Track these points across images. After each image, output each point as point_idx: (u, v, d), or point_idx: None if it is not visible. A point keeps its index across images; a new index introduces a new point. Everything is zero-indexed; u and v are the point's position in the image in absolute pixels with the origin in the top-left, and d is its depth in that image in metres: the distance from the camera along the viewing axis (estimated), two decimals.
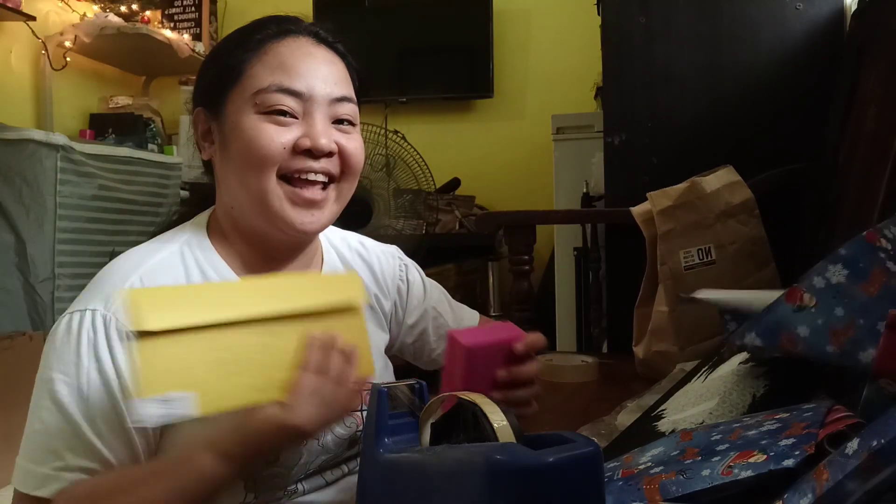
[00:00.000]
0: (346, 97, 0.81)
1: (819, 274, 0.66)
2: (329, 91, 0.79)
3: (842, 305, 0.64)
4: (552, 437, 0.45)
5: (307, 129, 0.77)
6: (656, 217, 1.41)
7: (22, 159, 2.21)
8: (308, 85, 0.78)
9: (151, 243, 0.83)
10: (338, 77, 0.81)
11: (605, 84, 1.86)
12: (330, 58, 0.82)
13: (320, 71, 0.79)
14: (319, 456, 0.82)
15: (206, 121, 0.83)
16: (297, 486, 0.81)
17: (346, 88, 0.82)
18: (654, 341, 1.40)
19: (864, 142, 1.28)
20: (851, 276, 0.64)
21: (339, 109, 0.80)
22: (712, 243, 1.40)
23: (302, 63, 0.78)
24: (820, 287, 0.66)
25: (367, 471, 0.59)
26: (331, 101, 0.79)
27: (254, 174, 0.76)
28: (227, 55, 0.80)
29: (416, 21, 3.21)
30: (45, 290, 2.25)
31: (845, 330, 0.63)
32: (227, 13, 3.52)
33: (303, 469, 0.80)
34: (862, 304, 0.63)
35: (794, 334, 0.67)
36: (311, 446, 0.80)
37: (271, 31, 0.80)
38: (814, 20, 1.69)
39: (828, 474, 0.41)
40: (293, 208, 0.77)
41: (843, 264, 0.65)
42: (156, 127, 3.19)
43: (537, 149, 3.00)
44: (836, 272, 0.65)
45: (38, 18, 2.66)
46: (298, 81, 0.77)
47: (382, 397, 0.59)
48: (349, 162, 0.81)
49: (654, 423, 0.79)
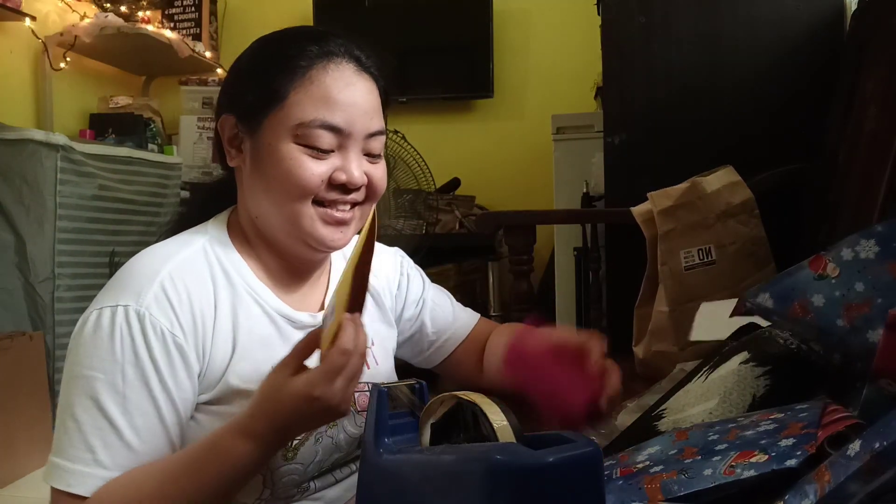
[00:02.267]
0: (379, 131, 0.82)
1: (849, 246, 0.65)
2: (366, 126, 0.80)
3: (864, 281, 0.63)
4: (552, 437, 0.45)
5: (343, 162, 0.79)
6: (657, 217, 1.41)
7: (22, 159, 2.20)
8: (348, 121, 0.78)
9: (175, 240, 0.84)
10: (374, 109, 0.82)
11: (605, 84, 1.86)
12: (369, 87, 0.82)
13: (359, 105, 0.80)
14: (333, 454, 0.84)
15: (234, 128, 0.83)
16: (311, 483, 0.83)
17: (380, 121, 0.83)
18: (654, 341, 1.39)
19: (864, 142, 1.28)
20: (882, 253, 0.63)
21: (373, 143, 0.82)
22: (713, 243, 1.40)
23: (344, 96, 0.79)
24: (847, 259, 0.64)
25: (367, 471, 0.59)
26: (366, 136, 0.81)
27: (289, 200, 0.78)
28: (269, 77, 0.79)
29: (416, 21, 3.21)
30: (45, 290, 2.25)
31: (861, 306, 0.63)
32: (227, 13, 3.52)
33: (317, 467, 0.82)
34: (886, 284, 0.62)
35: (808, 301, 0.66)
36: (326, 443, 0.82)
37: (313, 54, 0.79)
38: (814, 20, 1.69)
39: (829, 476, 0.41)
40: (325, 227, 0.80)
41: (877, 240, 0.63)
42: (156, 127, 3.19)
43: (537, 149, 3.00)
44: (867, 247, 0.64)
45: (38, 18, 2.66)
46: (339, 116, 0.78)
47: (382, 397, 0.59)
48: (375, 189, 0.83)
49: (654, 423, 0.79)
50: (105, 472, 0.69)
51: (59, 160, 2.24)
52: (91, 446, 0.69)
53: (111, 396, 0.70)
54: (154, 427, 0.71)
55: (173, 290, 0.74)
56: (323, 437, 0.82)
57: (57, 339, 2.25)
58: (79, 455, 0.69)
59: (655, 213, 1.41)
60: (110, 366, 0.70)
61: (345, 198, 0.80)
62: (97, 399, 0.70)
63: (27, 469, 2.07)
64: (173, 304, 0.73)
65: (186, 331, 0.74)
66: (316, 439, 0.82)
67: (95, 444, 0.69)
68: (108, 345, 0.71)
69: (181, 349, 0.73)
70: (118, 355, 0.70)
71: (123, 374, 0.70)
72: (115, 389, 0.70)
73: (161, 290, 0.74)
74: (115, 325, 0.71)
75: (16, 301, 2.24)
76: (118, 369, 0.70)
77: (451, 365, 1.05)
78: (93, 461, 0.69)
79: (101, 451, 0.69)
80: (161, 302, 0.73)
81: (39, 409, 2.15)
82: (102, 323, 0.72)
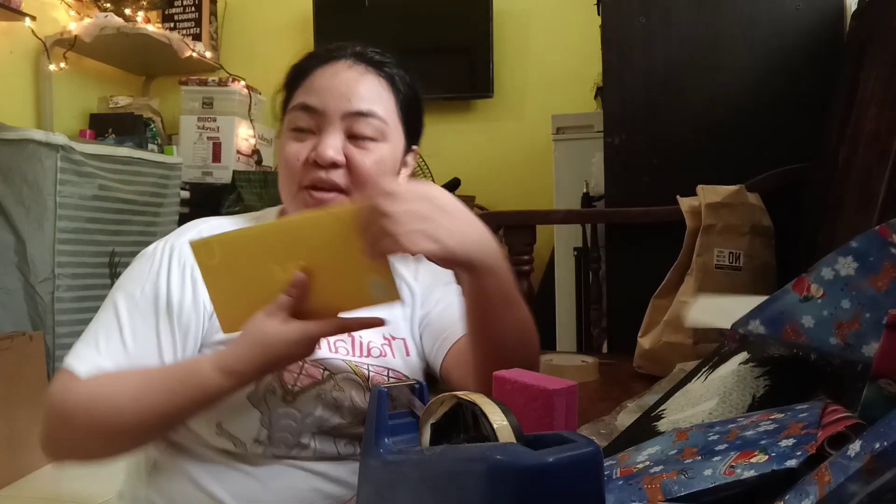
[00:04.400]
0: (363, 112, 0.85)
1: (828, 265, 0.65)
2: (342, 106, 0.84)
3: (849, 298, 0.64)
4: (552, 437, 0.45)
5: (317, 142, 0.85)
6: (704, 209, 1.43)
7: (22, 159, 2.21)
8: (322, 101, 0.85)
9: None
10: (365, 93, 0.85)
11: (605, 84, 1.86)
12: (366, 78, 0.87)
13: (341, 87, 0.85)
14: (333, 416, 0.84)
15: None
16: (310, 442, 0.83)
17: (371, 104, 0.85)
18: (668, 332, 1.39)
19: (864, 142, 1.28)
20: (861, 269, 0.63)
21: (356, 124, 0.85)
22: (743, 251, 1.42)
23: (326, 82, 0.86)
24: (828, 278, 0.65)
25: (366, 471, 0.59)
26: (344, 116, 0.84)
27: (285, 185, 0.88)
28: (289, 80, 0.91)
29: (416, 21, 3.22)
30: (45, 290, 2.25)
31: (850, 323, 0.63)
32: (227, 13, 3.52)
33: (316, 423, 0.83)
34: (870, 298, 0.63)
35: (799, 324, 0.66)
36: (328, 400, 0.84)
37: (321, 59, 0.88)
38: (814, 20, 1.69)
39: (829, 476, 0.41)
40: (306, 209, 0.84)
41: (854, 257, 0.64)
42: (156, 127, 3.20)
43: (537, 149, 3.01)
44: (845, 264, 0.64)
45: (38, 18, 2.66)
46: (314, 98, 0.85)
47: (382, 397, 0.59)
48: (356, 174, 0.85)
49: (654, 423, 0.79)
50: (100, 359, 0.78)
51: (59, 160, 2.24)
52: (97, 336, 0.80)
53: (126, 302, 0.82)
54: (149, 336, 0.80)
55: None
56: (327, 395, 0.84)
57: (57, 339, 2.25)
58: (87, 341, 0.80)
59: (703, 205, 1.43)
60: (136, 280, 0.84)
61: (320, 175, 0.84)
62: (116, 302, 0.82)
63: (27, 469, 2.07)
64: None
65: None
66: (318, 393, 0.83)
67: (100, 336, 0.80)
68: (141, 266, 0.85)
69: (195, 283, 0.83)
70: (144, 274, 0.84)
71: (142, 288, 0.82)
72: (131, 297, 0.82)
73: (196, 234, 0.86)
74: (153, 253, 0.86)
75: (16, 301, 2.24)
76: (140, 284, 0.83)
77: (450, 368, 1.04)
78: (94, 348, 0.79)
79: (103, 342, 0.79)
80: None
81: (39, 409, 2.15)
82: (146, 252, 0.87)
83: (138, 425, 0.76)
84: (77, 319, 2.31)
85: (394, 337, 0.93)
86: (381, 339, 0.92)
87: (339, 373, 0.86)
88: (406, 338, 0.95)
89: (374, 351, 0.91)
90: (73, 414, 0.76)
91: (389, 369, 0.89)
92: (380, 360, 0.90)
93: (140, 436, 0.79)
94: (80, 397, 0.76)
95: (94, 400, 0.75)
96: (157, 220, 2.66)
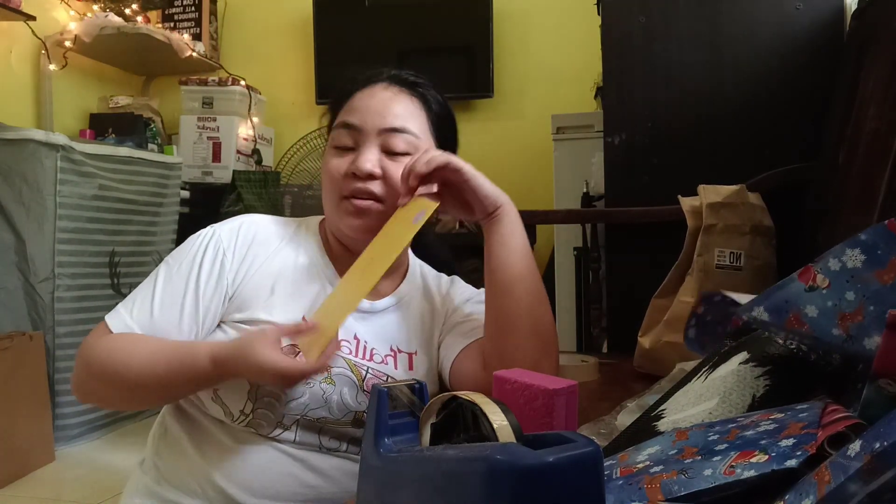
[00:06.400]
0: (398, 129, 0.92)
1: (835, 256, 0.66)
2: (378, 123, 0.92)
3: (854, 290, 0.64)
4: (552, 437, 0.45)
5: (356, 156, 0.92)
6: (705, 209, 1.43)
7: (22, 159, 2.21)
8: (360, 119, 0.93)
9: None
10: (399, 112, 0.93)
11: (605, 84, 1.86)
12: (401, 98, 0.94)
13: (377, 106, 0.93)
14: (319, 408, 0.88)
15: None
16: (293, 426, 0.88)
17: (404, 121, 0.93)
18: (668, 331, 1.39)
19: (864, 142, 1.28)
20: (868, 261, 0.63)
21: (390, 140, 0.92)
22: (744, 251, 1.42)
23: (364, 102, 0.94)
24: (835, 269, 0.65)
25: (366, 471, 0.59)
26: (380, 132, 0.92)
27: (328, 197, 0.96)
28: (332, 104, 1.00)
29: (416, 21, 3.22)
30: (45, 289, 2.25)
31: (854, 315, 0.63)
32: (227, 13, 3.52)
33: (301, 409, 0.87)
34: (875, 292, 0.63)
35: (802, 313, 0.66)
36: (316, 391, 0.87)
37: (360, 83, 0.97)
38: (814, 20, 1.69)
39: (829, 476, 0.41)
40: (347, 216, 0.93)
41: (862, 249, 0.64)
42: (156, 127, 3.19)
43: (537, 149, 3.00)
44: (853, 256, 0.64)
45: (38, 18, 2.66)
46: (353, 117, 0.93)
47: (382, 397, 0.59)
48: (392, 185, 0.92)
49: (654, 423, 0.79)
50: (130, 322, 0.89)
51: (59, 160, 2.24)
52: (135, 300, 0.92)
53: (165, 274, 0.93)
54: (173, 310, 0.90)
55: (245, 230, 0.96)
56: (315, 385, 0.87)
57: (57, 339, 2.25)
58: (127, 302, 0.92)
59: (704, 205, 1.43)
60: (179, 256, 0.94)
61: (358, 185, 0.91)
62: (158, 273, 0.93)
63: (27, 469, 2.07)
64: (238, 236, 0.95)
65: (235, 257, 0.93)
66: (307, 381, 0.86)
67: (137, 300, 0.92)
68: (187, 246, 0.95)
69: (223, 266, 0.92)
70: (187, 252, 0.94)
71: (180, 264, 0.93)
72: (171, 271, 0.93)
73: (238, 226, 0.97)
74: (199, 236, 0.96)
75: (16, 301, 2.24)
76: (180, 260, 0.93)
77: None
78: (129, 311, 0.90)
79: (137, 307, 0.91)
80: (232, 232, 0.96)
81: (39, 409, 2.15)
82: (198, 233, 0.96)
83: (142, 387, 0.87)
84: (77, 319, 2.31)
85: (400, 350, 0.96)
86: (386, 349, 0.95)
87: (334, 367, 0.88)
88: (414, 354, 0.96)
89: (376, 357, 0.93)
90: (93, 361, 0.88)
91: (388, 376, 0.91)
92: (381, 366, 0.93)
93: (141, 396, 0.90)
94: (101, 350, 0.87)
95: (111, 355, 0.87)
96: (157, 220, 2.66)
